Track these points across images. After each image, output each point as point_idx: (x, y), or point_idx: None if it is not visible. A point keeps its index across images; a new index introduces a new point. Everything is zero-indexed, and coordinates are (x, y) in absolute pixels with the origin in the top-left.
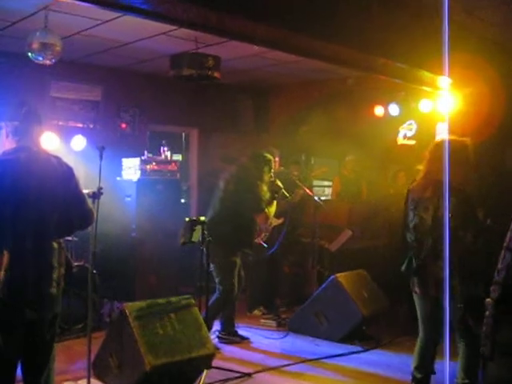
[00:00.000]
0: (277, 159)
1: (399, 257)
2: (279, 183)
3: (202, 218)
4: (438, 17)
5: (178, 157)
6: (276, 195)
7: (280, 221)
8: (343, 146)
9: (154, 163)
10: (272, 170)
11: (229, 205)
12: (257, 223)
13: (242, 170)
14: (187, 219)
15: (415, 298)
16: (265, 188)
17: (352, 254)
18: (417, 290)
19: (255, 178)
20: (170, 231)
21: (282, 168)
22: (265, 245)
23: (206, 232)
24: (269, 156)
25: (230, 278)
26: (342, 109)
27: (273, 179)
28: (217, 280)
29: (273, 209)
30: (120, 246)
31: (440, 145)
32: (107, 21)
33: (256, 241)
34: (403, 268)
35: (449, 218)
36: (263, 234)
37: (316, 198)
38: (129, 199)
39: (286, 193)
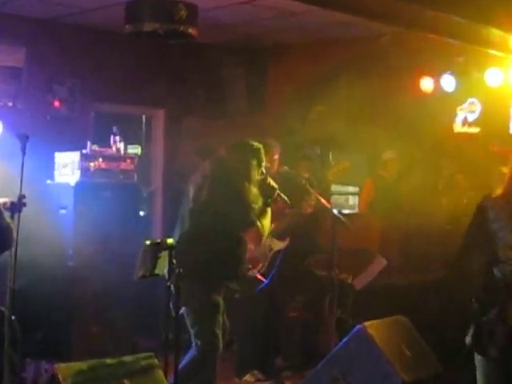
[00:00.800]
0: (276, 155)
1: (461, 299)
2: (272, 182)
3: (170, 241)
4: None
5: (135, 150)
6: (269, 200)
7: (284, 243)
8: (375, 134)
9: (100, 159)
10: (263, 164)
11: (203, 219)
12: (246, 244)
13: (220, 167)
14: (148, 242)
15: (482, 360)
16: (254, 191)
17: (387, 294)
18: (493, 352)
19: (240, 177)
20: (122, 259)
21: (286, 168)
22: (264, 279)
23: (175, 261)
24: (257, 145)
25: (211, 328)
26: (373, 81)
27: (263, 177)
28: (192, 331)
29: (267, 221)
30: (51, 281)
31: None
32: None
33: (251, 273)
34: (487, 317)
35: None
36: (261, 264)
37: (335, 211)
38: (64, 212)
39: (283, 196)
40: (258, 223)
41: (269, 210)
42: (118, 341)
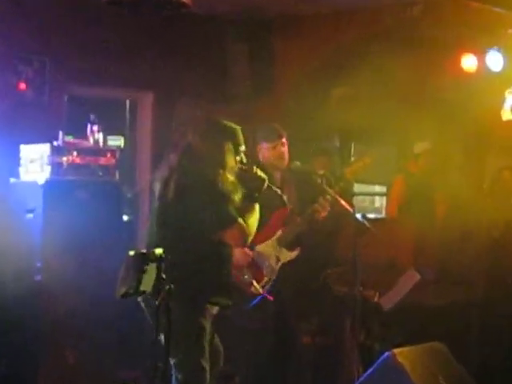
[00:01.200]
0: (283, 139)
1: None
2: (260, 172)
3: (159, 251)
4: None
5: (117, 142)
6: (256, 194)
7: (295, 253)
8: (406, 123)
9: (75, 153)
10: (241, 148)
11: (171, 220)
12: (228, 247)
13: (188, 154)
14: (132, 253)
15: None
16: (231, 179)
17: (421, 315)
18: None
19: (212, 163)
20: (101, 273)
21: (298, 163)
22: (270, 297)
23: (164, 275)
24: (231, 125)
25: (196, 358)
26: (403, 59)
27: (246, 167)
28: (172, 362)
29: (254, 219)
30: (14, 299)
31: None
32: None
33: (253, 290)
34: None
35: None
36: (266, 278)
37: (358, 215)
38: (30, 216)
39: (275, 189)
40: (241, 220)
41: (256, 206)
42: (95, 371)
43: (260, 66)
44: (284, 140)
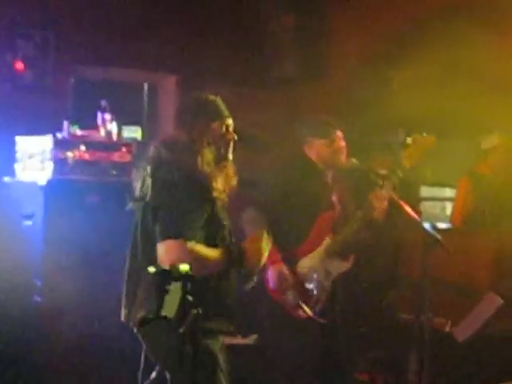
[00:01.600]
0: (340, 132)
1: None
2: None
3: (184, 268)
4: None
5: (133, 133)
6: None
7: (348, 263)
8: (486, 113)
9: (82, 147)
10: (226, 121)
11: (152, 227)
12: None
13: (163, 145)
14: (152, 269)
15: None
16: (209, 157)
17: (504, 348)
18: None
19: (184, 150)
20: (114, 293)
21: (354, 160)
22: (322, 320)
23: (190, 297)
24: (204, 98)
25: None
26: (481, 37)
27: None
28: None
29: (215, 254)
30: (9, 324)
31: None
32: None
33: (301, 313)
34: None
35: None
36: (315, 297)
37: (427, 225)
38: (29, 223)
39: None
40: (191, 244)
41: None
42: None
43: (309, 44)
44: (340, 133)
